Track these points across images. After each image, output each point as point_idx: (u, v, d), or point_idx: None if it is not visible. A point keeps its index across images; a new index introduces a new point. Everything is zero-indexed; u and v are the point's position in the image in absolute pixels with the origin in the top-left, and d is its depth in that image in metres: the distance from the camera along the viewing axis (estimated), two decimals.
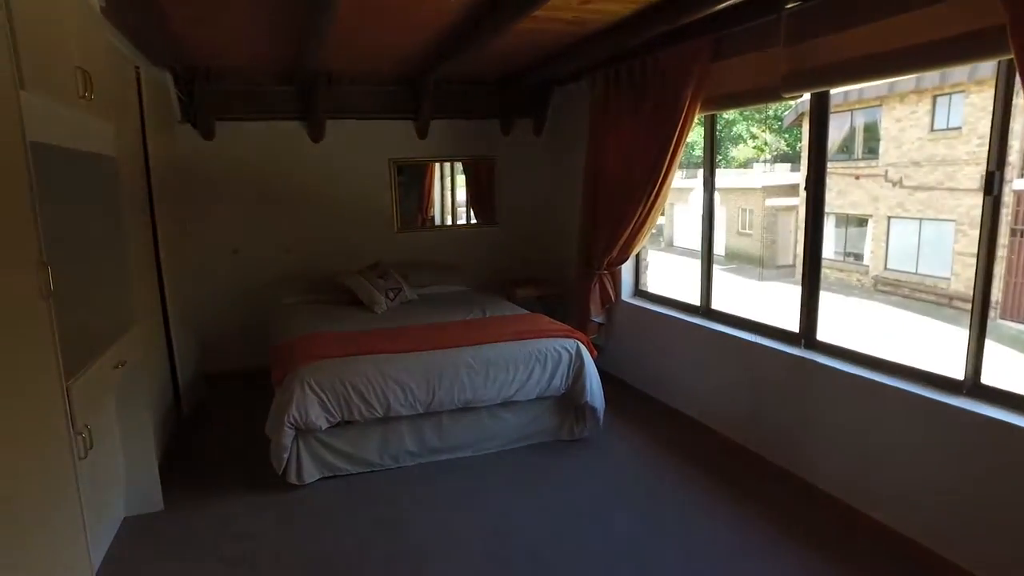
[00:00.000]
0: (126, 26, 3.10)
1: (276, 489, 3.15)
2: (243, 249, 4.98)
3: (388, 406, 3.22)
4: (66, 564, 1.87)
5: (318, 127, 4.93)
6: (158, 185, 3.70)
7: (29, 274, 1.76)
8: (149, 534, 2.81)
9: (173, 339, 3.80)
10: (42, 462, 1.76)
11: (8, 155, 1.70)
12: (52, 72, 2.03)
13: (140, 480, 2.95)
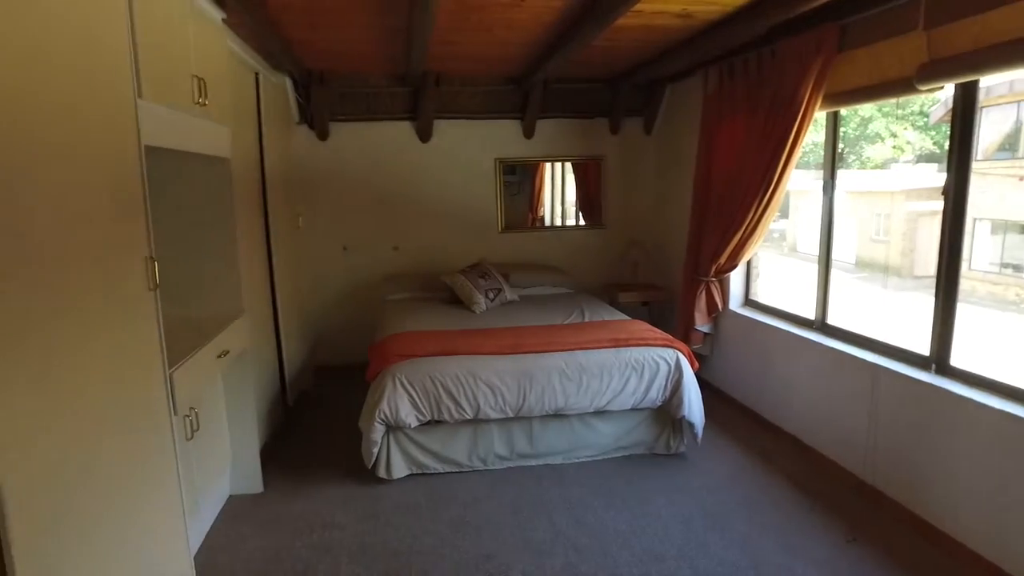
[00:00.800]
0: (247, 35, 3.28)
1: (365, 482, 3.23)
2: (353, 246, 5.18)
3: (478, 408, 3.21)
4: (165, 535, 1.99)
5: (426, 127, 5.03)
6: (273, 183, 3.91)
7: (139, 268, 1.88)
8: (248, 513, 2.97)
9: (281, 331, 4.01)
10: (146, 442, 1.88)
11: (125, 159, 1.82)
12: (169, 81, 2.17)
13: (243, 462, 3.12)
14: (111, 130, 1.74)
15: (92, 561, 1.54)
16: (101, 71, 1.69)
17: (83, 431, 1.53)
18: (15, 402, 1.27)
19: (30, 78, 1.36)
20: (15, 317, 1.28)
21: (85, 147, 1.60)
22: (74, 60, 1.55)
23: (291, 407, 4.20)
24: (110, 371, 1.68)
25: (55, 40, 1.47)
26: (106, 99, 1.72)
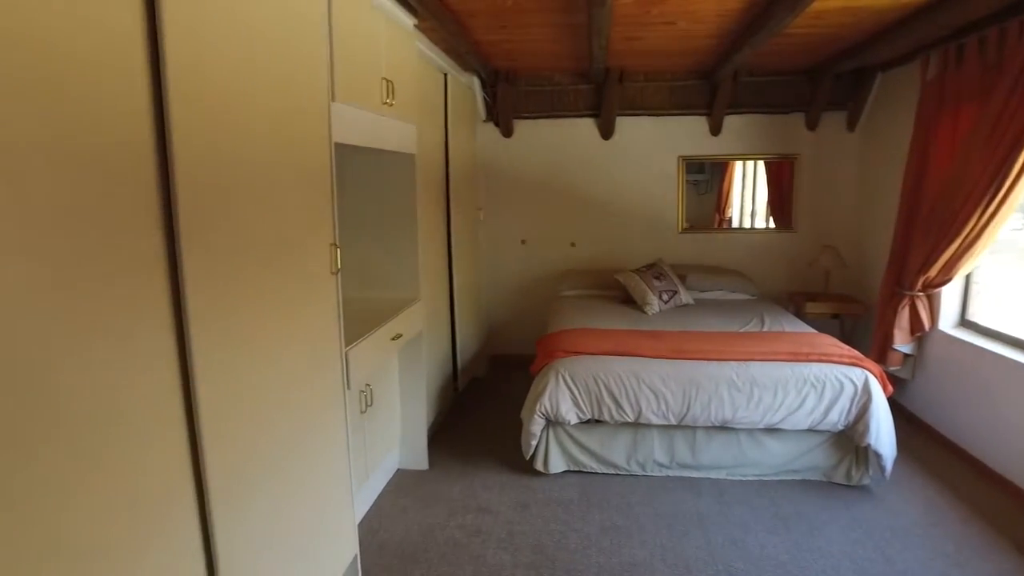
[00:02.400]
0: (437, 39, 3.49)
1: (523, 473, 3.30)
2: (531, 241, 5.30)
3: (639, 411, 3.13)
4: (333, 492, 2.20)
5: (609, 124, 4.99)
6: (456, 178, 4.13)
7: (324, 253, 2.10)
8: (412, 487, 3.18)
9: (456, 319, 4.22)
10: (322, 409, 2.09)
11: (317, 156, 2.03)
12: (360, 83, 2.38)
13: (412, 440, 3.35)
14: (307, 129, 1.96)
15: (271, 506, 1.75)
16: (301, 77, 1.90)
17: (274, 391, 1.74)
18: (224, 360, 1.48)
19: (244, 85, 1.57)
20: (229, 291, 1.50)
21: (285, 144, 1.82)
22: (278, 67, 1.76)
23: (461, 392, 4.42)
24: (299, 343, 1.90)
25: (263, 51, 1.67)
26: (303, 102, 1.93)
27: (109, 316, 1.18)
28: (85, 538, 1.13)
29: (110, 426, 1.19)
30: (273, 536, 1.77)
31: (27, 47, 1.01)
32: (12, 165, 0.99)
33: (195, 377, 1.40)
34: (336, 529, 2.22)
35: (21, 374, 1.00)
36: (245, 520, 1.62)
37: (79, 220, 1.12)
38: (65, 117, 1.08)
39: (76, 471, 1.11)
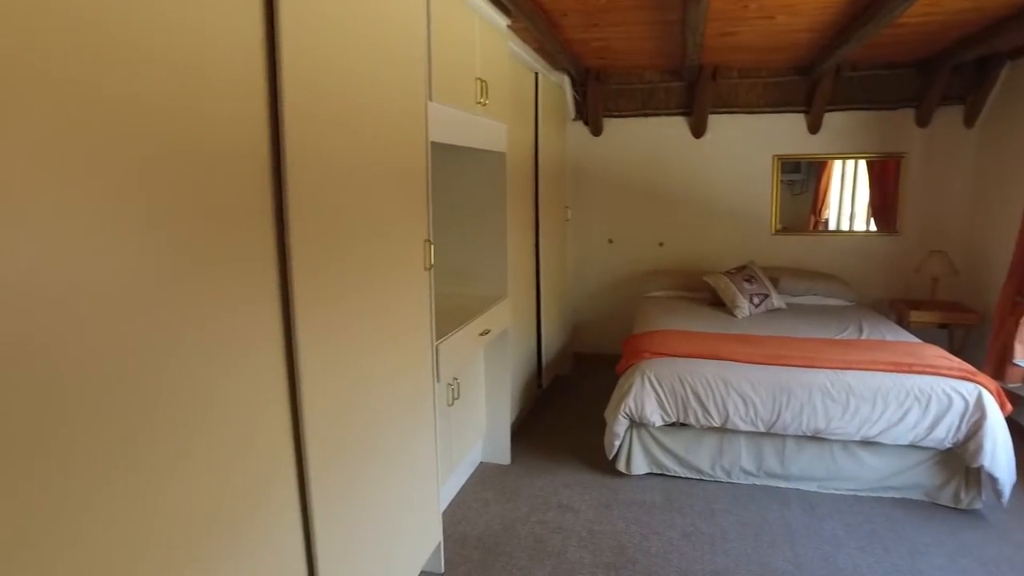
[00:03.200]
0: (528, 38, 3.53)
1: (605, 472, 3.29)
2: (618, 240, 5.26)
3: (726, 416, 3.05)
4: (421, 480, 2.28)
5: (700, 122, 4.87)
6: (545, 177, 4.16)
7: (419, 249, 2.17)
8: (494, 481, 3.24)
9: (542, 316, 4.25)
10: (413, 400, 2.17)
11: (414, 154, 2.11)
12: (456, 83, 2.44)
13: (496, 434, 3.41)
14: (405, 129, 2.03)
15: (364, 490, 1.83)
16: (400, 78, 1.97)
17: (369, 379, 1.82)
18: (324, 348, 1.57)
19: (349, 87, 1.66)
20: (330, 282, 1.59)
21: (385, 143, 1.90)
22: (380, 69, 1.84)
23: (545, 389, 4.45)
24: (392, 335, 1.98)
25: (367, 54, 1.75)
26: (402, 102, 2.01)
27: (228, 304, 1.28)
28: (199, 507, 1.23)
29: (224, 407, 1.29)
30: (365, 519, 1.85)
31: (161, 61, 1.11)
32: (152, 169, 1.10)
33: (299, 363, 1.49)
34: (422, 517, 2.29)
35: (156, 355, 1.11)
36: (341, 502, 1.70)
37: (205, 218, 1.22)
38: (193, 123, 1.18)
39: (190, 446, 1.21)
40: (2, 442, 0.87)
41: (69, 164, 0.95)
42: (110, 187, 1.02)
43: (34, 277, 0.91)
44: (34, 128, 0.90)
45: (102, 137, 1.00)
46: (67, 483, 0.96)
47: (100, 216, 1.01)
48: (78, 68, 0.96)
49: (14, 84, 0.87)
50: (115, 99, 1.02)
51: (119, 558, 1.05)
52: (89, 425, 0.99)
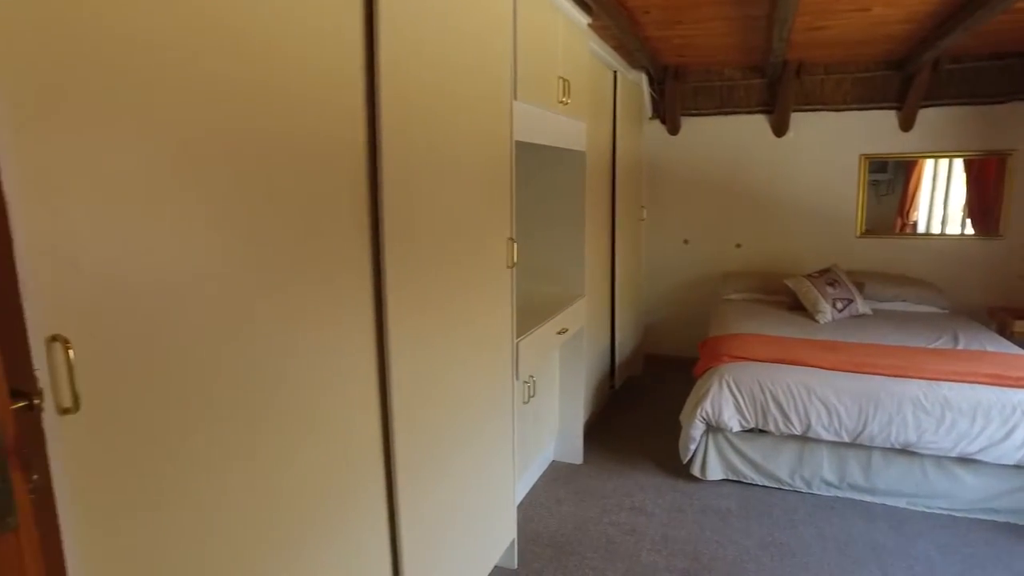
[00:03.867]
0: (607, 36, 3.50)
1: (679, 476, 3.23)
2: (694, 240, 5.16)
3: (808, 424, 2.95)
4: (499, 476, 2.30)
5: (782, 120, 4.71)
6: (622, 176, 4.12)
7: (502, 247, 2.20)
8: (567, 480, 3.24)
9: (616, 317, 4.22)
10: (494, 395, 2.20)
11: (500, 153, 2.14)
12: (539, 82, 2.45)
13: (568, 433, 3.41)
14: (491, 127, 2.06)
15: (446, 483, 1.87)
16: (487, 77, 2.00)
17: (453, 374, 1.86)
18: (413, 344, 1.61)
19: (441, 88, 1.70)
20: (420, 278, 1.63)
21: (472, 142, 1.93)
22: (470, 70, 1.87)
23: (617, 390, 4.42)
24: (476, 331, 2.01)
25: (458, 54, 1.79)
26: (491, 101, 2.03)
27: (328, 299, 1.34)
28: (299, 495, 1.28)
29: (325, 408, 1.34)
30: (446, 514, 1.89)
31: (267, 56, 1.17)
32: (255, 165, 1.15)
33: (389, 363, 1.53)
34: (499, 513, 2.32)
35: (263, 354, 1.17)
36: (425, 496, 1.74)
37: (307, 216, 1.27)
38: (297, 119, 1.24)
39: (297, 443, 1.27)
40: (155, 429, 0.94)
41: (202, 165, 1.02)
42: (234, 194, 1.08)
43: (178, 284, 0.97)
44: (181, 130, 0.97)
45: (225, 138, 1.06)
46: (192, 471, 1.02)
47: (232, 226, 1.07)
48: (213, 63, 1.02)
49: (161, 88, 0.94)
50: (240, 95, 1.08)
51: (229, 548, 1.12)
52: (214, 422, 1.06)
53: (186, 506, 1.02)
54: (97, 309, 0.89)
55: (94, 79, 0.86)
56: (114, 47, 0.88)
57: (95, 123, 0.87)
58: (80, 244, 0.86)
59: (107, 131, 0.88)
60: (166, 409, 0.98)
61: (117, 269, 0.91)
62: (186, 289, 1.01)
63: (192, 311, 1.02)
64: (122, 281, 0.92)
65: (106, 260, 0.89)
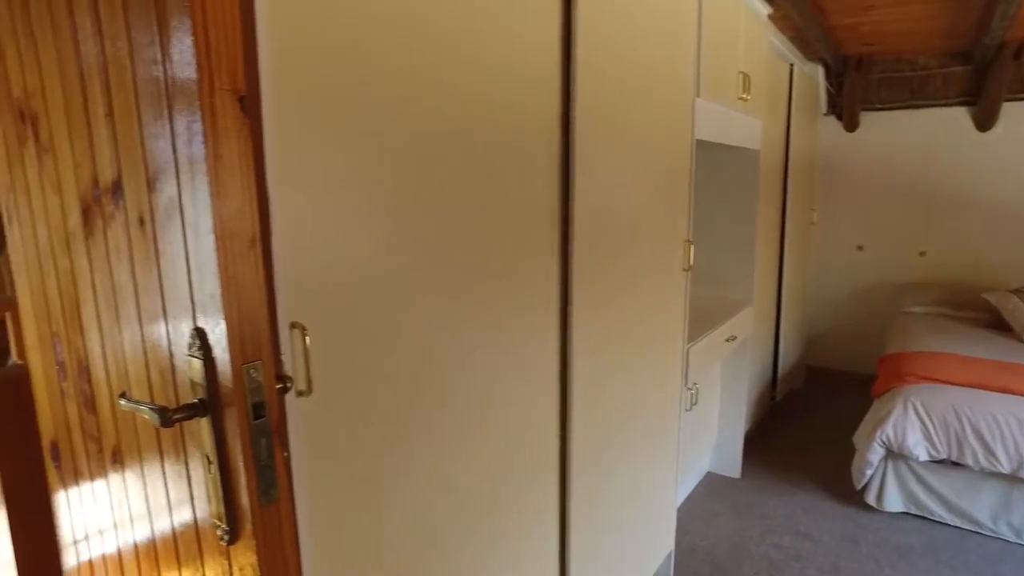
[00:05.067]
0: (786, 27, 3.28)
1: (850, 502, 2.97)
2: (868, 247, 4.72)
3: (1020, 463, 2.58)
4: (661, 486, 2.24)
5: (990, 112, 4.17)
6: (793, 176, 3.86)
7: (678, 250, 2.13)
8: (723, 494, 3.09)
9: (781, 326, 3.97)
10: (662, 403, 2.14)
11: (680, 152, 2.07)
12: (721, 79, 2.34)
13: (726, 444, 3.25)
14: (672, 125, 1.99)
15: (614, 489, 1.84)
16: (671, 73, 1.94)
17: (626, 378, 1.84)
18: (592, 343, 1.60)
19: (630, 86, 1.67)
20: (600, 278, 1.62)
21: (653, 140, 1.88)
22: (655, 65, 1.82)
23: (778, 402, 4.16)
24: (649, 334, 1.97)
25: (646, 51, 1.75)
26: (674, 99, 1.97)
27: (517, 295, 1.35)
28: (475, 490, 1.30)
29: (503, 400, 1.36)
30: (613, 520, 1.86)
31: (477, 66, 1.19)
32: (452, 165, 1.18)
33: (570, 360, 1.52)
34: (658, 522, 2.26)
35: (462, 347, 1.20)
36: (594, 500, 1.73)
37: (508, 212, 1.29)
38: (501, 123, 1.26)
39: (475, 431, 1.29)
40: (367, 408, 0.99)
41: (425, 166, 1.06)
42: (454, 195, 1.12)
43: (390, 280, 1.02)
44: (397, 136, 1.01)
45: (438, 142, 1.10)
46: (393, 454, 1.07)
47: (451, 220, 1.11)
48: (437, 74, 1.06)
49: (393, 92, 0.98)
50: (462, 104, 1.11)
51: (420, 528, 1.16)
52: (413, 409, 1.10)
53: (391, 487, 1.07)
54: (324, 299, 0.94)
55: (348, 91, 0.91)
56: (373, 68, 0.93)
57: (336, 126, 0.92)
58: (315, 236, 0.91)
59: (345, 134, 0.93)
60: (372, 394, 1.03)
61: (341, 261, 0.95)
62: (396, 281, 1.05)
63: (400, 303, 1.06)
64: (344, 272, 0.96)
65: (333, 252, 0.94)
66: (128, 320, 0.89)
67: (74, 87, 0.87)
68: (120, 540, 1.08)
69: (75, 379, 1.06)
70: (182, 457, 0.84)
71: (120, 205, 0.85)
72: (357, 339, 0.99)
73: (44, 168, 0.99)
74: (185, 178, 0.71)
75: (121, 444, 0.98)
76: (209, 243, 0.69)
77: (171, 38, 0.67)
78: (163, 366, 0.83)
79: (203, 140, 0.66)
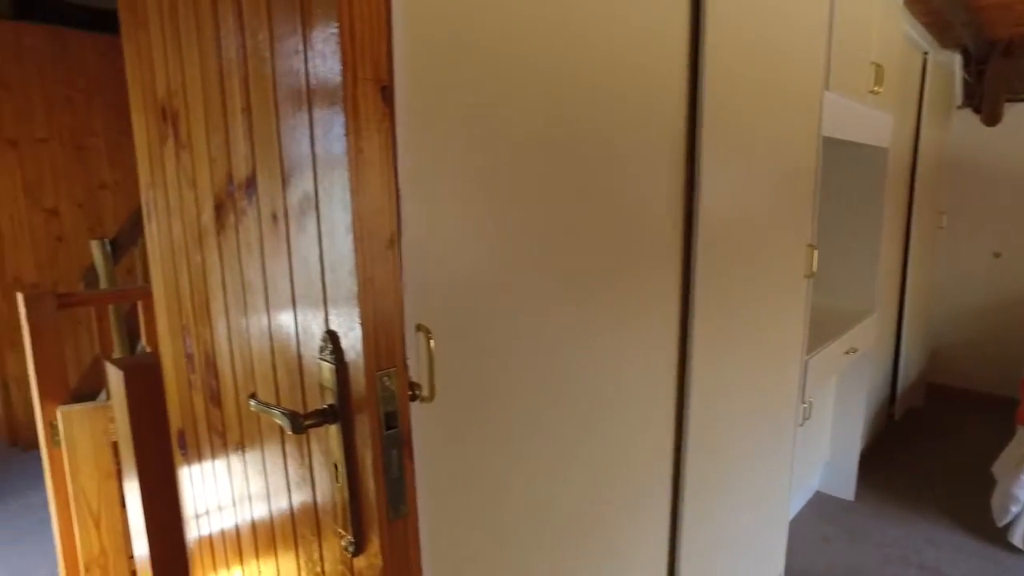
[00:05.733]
0: (921, 12, 3.00)
1: (989, 540, 2.68)
2: (1008, 254, 4.28)
3: None
4: (772, 511, 2.10)
5: None
6: (921, 176, 3.55)
7: (800, 255, 1.98)
8: (835, 517, 2.87)
9: (903, 338, 3.66)
10: (776, 416, 1.99)
11: (805, 150, 1.92)
12: (852, 70, 2.16)
13: (839, 463, 3.02)
14: (797, 121, 1.84)
15: (725, 505, 1.73)
16: (801, 65, 1.79)
17: (742, 390, 1.72)
18: (711, 353, 1.50)
19: (756, 79, 1.55)
20: (721, 285, 1.52)
21: (775, 139, 1.74)
22: (783, 57, 1.68)
23: (896, 421, 3.84)
24: (767, 345, 1.84)
25: (774, 43, 1.62)
26: (800, 92, 1.82)
27: (639, 299, 1.27)
28: (585, 498, 1.23)
29: (621, 403, 1.28)
30: (722, 538, 1.75)
31: (604, 62, 1.11)
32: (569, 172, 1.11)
33: (689, 366, 1.43)
34: (768, 543, 2.11)
35: (580, 355, 1.13)
36: (705, 516, 1.63)
37: (631, 213, 1.22)
38: (626, 119, 1.18)
39: (590, 435, 1.22)
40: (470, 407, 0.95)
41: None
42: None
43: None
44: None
45: (559, 142, 1.04)
46: (505, 461, 1.02)
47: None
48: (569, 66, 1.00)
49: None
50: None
51: (525, 537, 1.10)
52: (524, 417, 1.05)
53: (503, 502, 1.02)
54: (445, 301, 0.90)
55: (478, 88, 0.86)
56: (503, 64, 0.88)
57: (465, 122, 0.87)
58: (439, 235, 0.87)
59: (474, 131, 0.88)
60: (488, 402, 0.98)
61: (464, 261, 0.91)
62: (516, 285, 0.99)
63: (519, 308, 1.01)
64: (467, 273, 0.92)
65: (456, 252, 0.89)
66: (256, 318, 0.88)
67: (213, 83, 0.87)
68: (240, 526, 1.09)
69: (202, 372, 1.07)
70: (306, 461, 0.82)
71: (253, 201, 0.84)
72: (476, 344, 0.95)
73: (181, 164, 1.01)
74: (323, 173, 0.68)
75: (244, 441, 0.98)
76: (346, 242, 0.65)
77: (314, 27, 0.64)
78: (291, 367, 0.82)
79: (344, 132, 0.63)
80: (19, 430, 3.78)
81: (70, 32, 3.77)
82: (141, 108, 1.13)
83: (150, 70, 1.06)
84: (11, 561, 2.69)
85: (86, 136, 3.89)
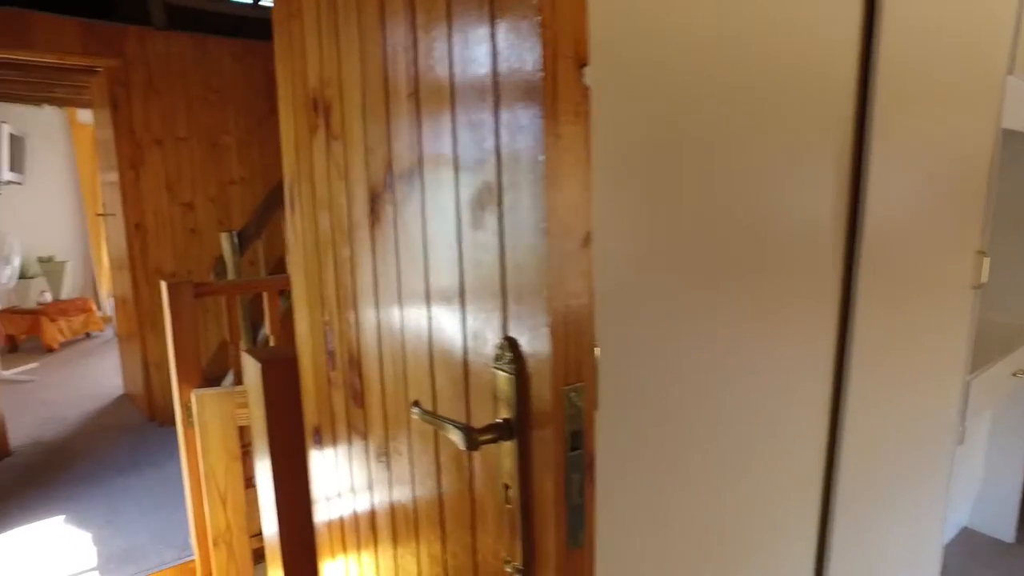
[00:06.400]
0: None
1: None
2: None
3: None
4: (925, 545, 1.89)
5: None
6: None
7: (965, 263, 1.75)
8: (992, 559, 2.56)
9: None
10: (933, 446, 1.79)
11: (977, 143, 1.69)
12: None
13: (993, 498, 2.70)
14: (968, 111, 1.62)
15: (872, 535, 1.57)
16: (978, 46, 1.58)
17: (899, 411, 1.55)
18: (868, 372, 1.34)
19: (939, 59, 1.37)
20: (881, 297, 1.35)
21: (941, 131, 1.53)
22: (957, 40, 1.48)
23: None
24: (926, 362, 1.65)
25: (950, 25, 1.43)
26: (975, 77, 1.60)
27: (798, 307, 1.14)
28: (731, 519, 1.11)
29: (772, 427, 1.15)
30: (871, 565, 1.58)
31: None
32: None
33: (848, 376, 1.29)
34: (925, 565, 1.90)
35: (735, 369, 1.02)
36: (854, 541, 1.48)
37: (786, 218, 1.09)
38: (791, 117, 1.05)
39: (743, 454, 1.10)
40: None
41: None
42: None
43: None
44: None
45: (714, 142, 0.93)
46: (661, 478, 0.92)
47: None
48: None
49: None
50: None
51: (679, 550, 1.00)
52: (676, 431, 0.95)
53: (659, 528, 0.93)
54: (611, 309, 0.81)
55: (653, 79, 0.78)
56: (680, 54, 0.79)
57: (638, 115, 0.78)
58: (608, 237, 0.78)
59: (642, 124, 0.79)
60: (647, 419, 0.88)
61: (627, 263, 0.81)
62: (676, 292, 0.89)
63: (681, 318, 0.90)
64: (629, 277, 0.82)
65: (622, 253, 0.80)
66: (414, 319, 0.83)
67: (374, 68, 0.83)
68: (378, 524, 1.05)
69: (344, 370, 1.04)
70: (465, 475, 0.75)
71: (417, 193, 0.78)
72: (641, 359, 0.85)
73: (332, 155, 0.98)
74: (508, 162, 0.61)
75: (390, 445, 0.94)
76: (537, 240, 0.58)
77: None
78: (454, 374, 0.75)
79: (540, 116, 0.55)
80: (156, 407, 4.17)
81: (209, 38, 4.03)
82: (290, 99, 1.12)
83: (302, 60, 1.04)
84: (151, 526, 2.95)
85: (219, 134, 4.15)
